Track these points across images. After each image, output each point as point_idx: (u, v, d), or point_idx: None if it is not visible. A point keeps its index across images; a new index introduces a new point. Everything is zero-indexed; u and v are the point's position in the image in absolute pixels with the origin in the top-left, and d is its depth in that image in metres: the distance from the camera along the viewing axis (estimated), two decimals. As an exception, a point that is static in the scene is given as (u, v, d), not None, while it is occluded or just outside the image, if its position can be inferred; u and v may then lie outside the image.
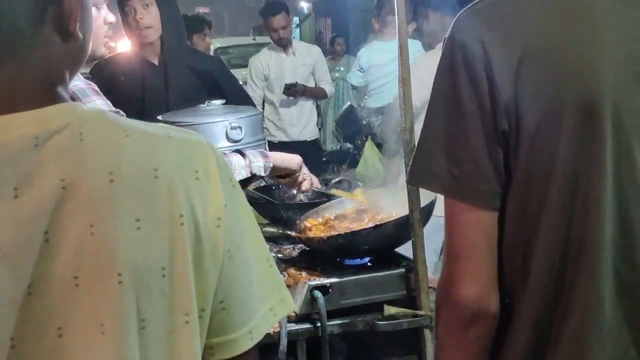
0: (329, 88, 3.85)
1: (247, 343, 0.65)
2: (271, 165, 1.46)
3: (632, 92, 0.79)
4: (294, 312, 1.42)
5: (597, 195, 0.81)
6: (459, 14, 0.84)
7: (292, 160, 1.54)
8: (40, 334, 0.58)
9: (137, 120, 0.62)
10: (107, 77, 1.99)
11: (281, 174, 1.56)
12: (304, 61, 3.71)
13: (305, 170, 1.58)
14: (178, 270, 0.59)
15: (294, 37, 4.24)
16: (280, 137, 3.63)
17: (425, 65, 1.77)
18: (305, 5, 10.76)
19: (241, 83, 2.96)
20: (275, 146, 2.92)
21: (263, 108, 3.57)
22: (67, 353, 0.58)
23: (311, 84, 3.70)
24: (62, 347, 0.57)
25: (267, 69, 3.65)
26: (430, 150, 0.85)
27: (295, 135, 3.65)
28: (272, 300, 0.68)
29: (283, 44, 3.63)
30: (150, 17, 2.03)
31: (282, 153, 1.61)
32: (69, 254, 0.56)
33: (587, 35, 0.79)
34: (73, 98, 1.23)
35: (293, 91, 3.53)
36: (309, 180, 1.60)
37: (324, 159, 3.99)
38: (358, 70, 3.84)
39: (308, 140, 3.72)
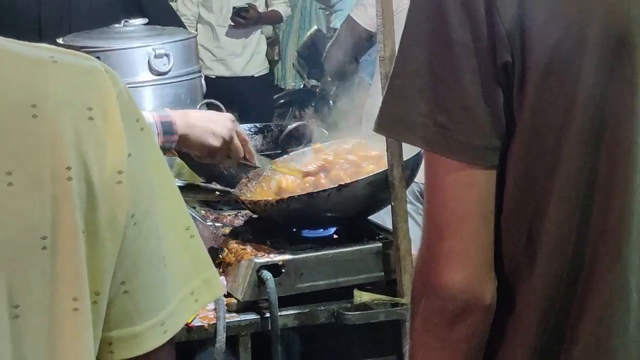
0: (283, 9, 3.37)
1: (158, 338, 0.59)
2: (173, 144, 1.17)
3: None
4: (236, 298, 1.29)
5: (629, 148, 0.74)
6: None
7: (216, 132, 1.21)
8: None
9: (10, 40, 0.56)
10: None
11: (197, 152, 1.26)
12: None
13: (237, 136, 1.24)
14: (63, 242, 0.54)
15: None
16: (219, 71, 3.16)
17: None
18: None
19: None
20: (212, 83, 2.47)
21: (196, 31, 3.10)
22: None
23: (260, 3, 3.24)
24: None
25: None
26: (406, 91, 0.76)
27: (238, 70, 3.19)
28: (192, 281, 0.63)
29: None
30: None
31: (202, 117, 1.29)
32: None
33: None
34: None
35: (244, 19, 3.09)
36: (236, 151, 1.28)
37: (281, 101, 3.63)
38: None
39: (255, 75, 3.27)
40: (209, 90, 1.65)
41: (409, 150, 1.25)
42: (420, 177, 1.13)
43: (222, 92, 2.60)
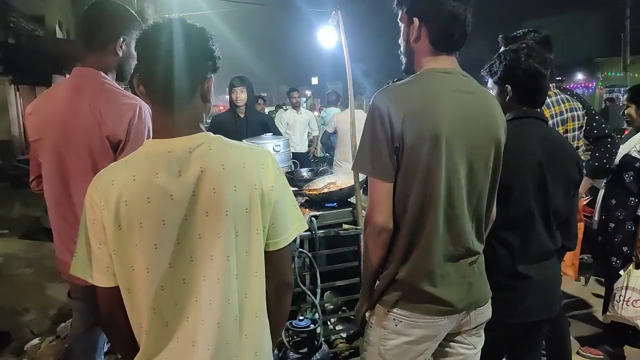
0: (316, 132, 7.28)
1: (284, 242, 1.14)
2: None
3: (455, 132, 1.30)
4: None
5: (438, 178, 1.30)
6: (377, 91, 1.35)
7: None
8: (188, 237, 1.02)
9: (235, 140, 1.11)
10: (217, 122, 3.99)
11: None
12: (306, 116, 7.22)
13: None
14: (253, 210, 1.06)
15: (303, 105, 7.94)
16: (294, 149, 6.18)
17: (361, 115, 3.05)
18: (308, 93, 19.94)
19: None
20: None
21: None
22: (203, 246, 1.03)
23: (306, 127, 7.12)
24: (200, 244, 1.03)
25: (289, 119, 7.08)
26: (362, 155, 1.34)
27: (300, 150, 6.83)
28: (296, 224, 1.16)
29: (296, 107, 7.19)
30: (243, 95, 3.84)
31: None
32: (204, 201, 1.02)
33: (434, 105, 1.30)
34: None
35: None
36: None
37: (315, 160, 6.64)
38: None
39: (303, 152, 6.84)
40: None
41: (362, 176, 2.58)
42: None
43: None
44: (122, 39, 1.77)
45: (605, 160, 2.60)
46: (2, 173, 9.50)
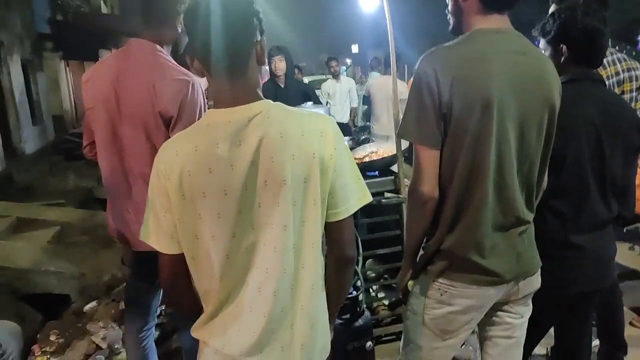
0: (355, 102, 7.27)
1: (344, 214, 1.10)
2: None
3: (507, 96, 1.25)
4: None
5: (488, 145, 1.25)
6: (422, 55, 1.30)
7: None
8: (248, 206, 1.04)
9: (294, 107, 1.08)
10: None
11: None
12: (347, 85, 7.08)
13: None
14: (311, 179, 1.03)
15: (341, 73, 7.71)
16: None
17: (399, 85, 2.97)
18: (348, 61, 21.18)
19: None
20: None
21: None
22: (262, 215, 1.05)
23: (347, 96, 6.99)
24: (260, 213, 1.05)
25: (329, 89, 6.94)
26: (408, 121, 1.30)
27: (341, 120, 6.68)
28: (358, 194, 1.12)
29: (336, 76, 7.02)
30: (282, 65, 3.80)
31: None
32: (263, 170, 1.02)
33: (485, 68, 1.25)
34: None
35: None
36: None
37: (357, 130, 7.20)
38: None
39: (345, 122, 6.73)
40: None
41: (405, 144, 2.62)
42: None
43: None
44: (181, 14, 1.76)
45: None
46: (56, 146, 10.01)
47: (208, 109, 1.86)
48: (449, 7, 1.40)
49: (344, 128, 6.65)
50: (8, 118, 8.56)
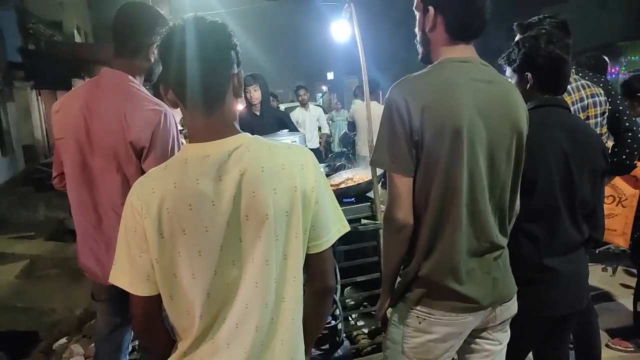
0: (326, 129, 7.77)
1: (325, 245, 1.11)
2: None
3: (476, 123, 1.28)
4: None
5: (459, 171, 1.27)
6: (393, 85, 1.32)
7: None
8: (230, 242, 1.02)
9: (273, 140, 1.09)
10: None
11: None
12: (315, 113, 7.43)
13: None
14: (294, 212, 1.04)
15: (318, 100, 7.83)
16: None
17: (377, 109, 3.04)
18: (324, 88, 21.66)
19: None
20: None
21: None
22: (244, 250, 1.03)
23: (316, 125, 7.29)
24: (241, 248, 1.03)
25: (299, 117, 7.16)
26: (380, 150, 1.32)
27: (311, 146, 6.69)
28: (338, 224, 1.14)
29: (304, 105, 7.34)
30: (257, 94, 3.81)
31: None
32: (245, 205, 1.01)
33: (453, 96, 1.27)
34: None
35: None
36: None
37: (332, 155, 6.97)
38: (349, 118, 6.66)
39: (315, 147, 7.04)
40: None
41: (379, 171, 2.59)
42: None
43: None
44: (155, 44, 1.75)
45: (625, 157, 2.43)
46: (27, 177, 9.74)
47: (183, 139, 1.89)
48: (418, 38, 1.43)
49: (316, 153, 6.88)
50: (-24, 149, 8.29)
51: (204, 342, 1.06)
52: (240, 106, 3.35)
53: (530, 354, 1.92)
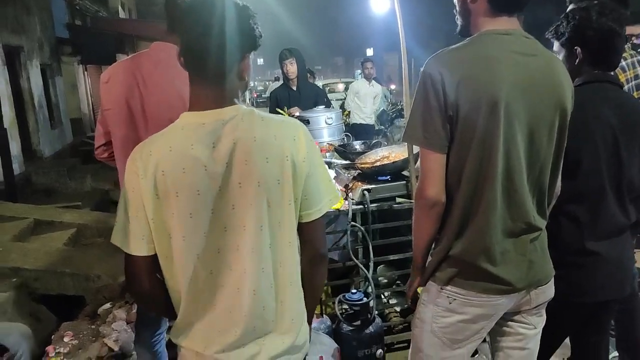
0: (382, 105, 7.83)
1: (317, 214, 1.17)
2: None
3: (515, 99, 1.23)
4: (352, 199, 2.54)
5: (495, 148, 1.23)
6: (428, 58, 1.27)
7: None
8: (222, 207, 1.07)
9: (266, 113, 1.13)
10: (274, 95, 4.03)
11: None
12: (376, 89, 7.30)
13: None
14: (285, 181, 1.09)
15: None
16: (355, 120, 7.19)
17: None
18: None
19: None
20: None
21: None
22: (236, 217, 1.07)
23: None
24: (234, 214, 1.07)
25: (360, 89, 7.25)
26: (413, 125, 1.29)
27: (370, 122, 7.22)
28: (330, 196, 1.20)
29: (369, 78, 7.24)
30: (293, 67, 3.84)
31: None
32: (237, 172, 1.05)
33: (491, 69, 1.23)
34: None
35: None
36: None
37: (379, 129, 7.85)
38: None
39: (371, 124, 7.25)
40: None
41: (416, 148, 2.48)
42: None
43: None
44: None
45: None
46: (74, 149, 10.16)
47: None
48: (457, 9, 1.37)
49: (368, 129, 7.06)
50: (27, 121, 8.70)
51: (205, 307, 1.10)
52: (247, 95, 3.39)
53: (567, 340, 1.86)
